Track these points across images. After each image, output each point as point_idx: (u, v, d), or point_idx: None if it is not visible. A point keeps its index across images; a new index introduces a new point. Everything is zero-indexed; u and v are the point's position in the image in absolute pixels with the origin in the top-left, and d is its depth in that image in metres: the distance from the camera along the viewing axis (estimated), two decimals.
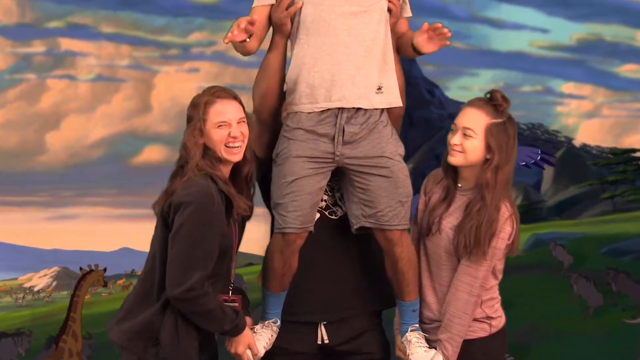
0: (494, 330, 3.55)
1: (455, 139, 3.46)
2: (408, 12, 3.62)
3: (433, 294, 3.57)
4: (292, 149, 3.42)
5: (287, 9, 3.47)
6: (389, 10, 3.52)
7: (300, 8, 3.45)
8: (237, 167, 3.41)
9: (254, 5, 3.54)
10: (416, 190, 3.63)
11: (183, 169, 3.30)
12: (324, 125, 3.42)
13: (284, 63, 3.56)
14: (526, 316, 10.69)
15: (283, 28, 3.50)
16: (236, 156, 3.35)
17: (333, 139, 3.41)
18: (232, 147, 3.33)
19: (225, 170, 3.37)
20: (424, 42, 3.49)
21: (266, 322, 3.58)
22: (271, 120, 3.60)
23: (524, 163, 5.79)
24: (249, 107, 3.54)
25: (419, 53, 3.55)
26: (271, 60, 3.56)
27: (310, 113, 3.42)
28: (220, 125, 3.31)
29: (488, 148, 3.44)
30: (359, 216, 3.47)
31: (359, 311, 3.65)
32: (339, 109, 3.41)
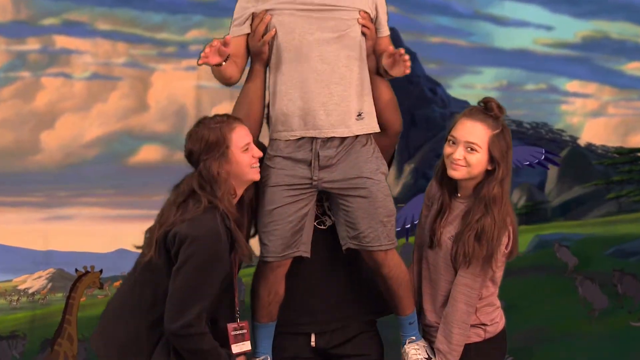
0: (488, 335, 3.53)
1: (458, 154, 3.40)
2: (385, 32, 3.50)
3: (431, 302, 3.55)
4: (272, 177, 3.38)
5: (262, 36, 3.38)
6: (364, 34, 3.41)
7: (275, 35, 3.36)
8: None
9: (230, 36, 3.42)
10: (419, 190, 3.54)
11: (200, 203, 3.19)
12: (301, 151, 3.35)
13: (264, 91, 3.49)
14: (529, 318, 10.64)
15: (262, 56, 3.43)
16: (258, 175, 3.37)
17: (310, 164, 3.34)
18: (255, 168, 3.36)
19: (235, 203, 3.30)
20: (389, 65, 3.39)
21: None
22: None
23: (527, 163, 5.70)
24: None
25: (388, 75, 3.45)
26: (251, 88, 3.48)
27: (287, 140, 3.36)
28: (246, 149, 3.28)
29: (491, 160, 3.40)
30: (345, 237, 3.45)
31: (351, 321, 3.61)
32: (313, 137, 3.34)
